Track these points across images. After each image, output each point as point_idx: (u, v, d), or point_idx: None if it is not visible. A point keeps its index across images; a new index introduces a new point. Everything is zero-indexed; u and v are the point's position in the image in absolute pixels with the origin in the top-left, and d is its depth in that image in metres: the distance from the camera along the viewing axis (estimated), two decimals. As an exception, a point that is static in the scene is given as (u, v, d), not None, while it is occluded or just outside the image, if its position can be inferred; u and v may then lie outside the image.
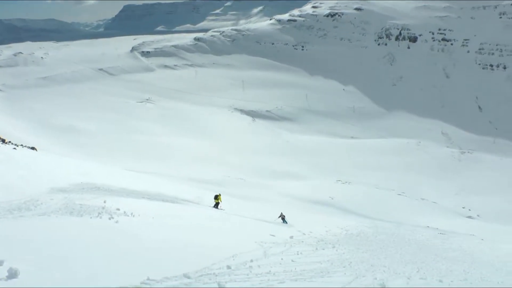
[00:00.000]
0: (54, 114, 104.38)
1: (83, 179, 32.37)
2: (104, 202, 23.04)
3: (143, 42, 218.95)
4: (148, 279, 11.38)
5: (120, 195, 28.84)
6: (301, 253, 20.89)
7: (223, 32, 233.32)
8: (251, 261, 16.39)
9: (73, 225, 16.82)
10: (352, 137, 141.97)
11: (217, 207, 36.06)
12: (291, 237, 26.62)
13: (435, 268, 25.51)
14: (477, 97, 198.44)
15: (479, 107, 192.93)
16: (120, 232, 16.80)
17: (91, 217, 18.65)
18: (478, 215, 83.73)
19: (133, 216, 20.92)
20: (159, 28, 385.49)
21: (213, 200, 36.87)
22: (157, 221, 20.99)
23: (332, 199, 74.48)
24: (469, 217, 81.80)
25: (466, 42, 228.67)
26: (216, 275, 13.30)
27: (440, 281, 20.12)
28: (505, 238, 56.50)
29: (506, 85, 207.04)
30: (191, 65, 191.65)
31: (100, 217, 18.98)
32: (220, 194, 38.15)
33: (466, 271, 27.06)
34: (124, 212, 21.16)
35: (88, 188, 28.96)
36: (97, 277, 11.04)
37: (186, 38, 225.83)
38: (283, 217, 37.56)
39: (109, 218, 18.99)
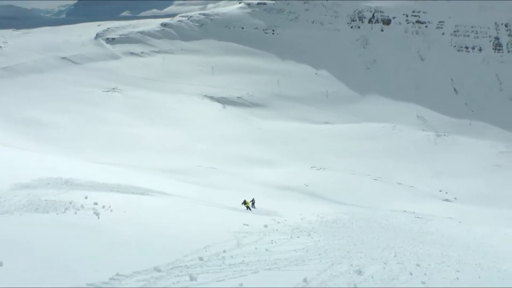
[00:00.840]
0: (16, 107, 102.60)
1: (49, 173, 31.85)
2: (86, 197, 22.78)
3: (108, 28, 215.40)
4: (117, 274, 11.29)
5: (88, 189, 28.54)
6: (275, 242, 20.95)
7: (191, 17, 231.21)
8: (224, 251, 16.39)
9: (38, 222, 16.53)
10: (325, 123, 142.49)
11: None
12: (265, 226, 26.67)
13: (413, 252, 25.86)
14: (452, 80, 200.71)
15: (455, 90, 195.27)
16: (88, 228, 16.62)
17: (57, 213, 18.40)
18: (455, 198, 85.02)
19: (102, 210, 20.71)
20: (124, 14, 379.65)
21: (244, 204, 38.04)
22: (127, 214, 20.83)
23: (307, 186, 74.81)
24: (446, 200, 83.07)
25: (441, 24, 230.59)
26: (188, 267, 13.27)
27: (418, 265, 20.38)
28: (482, 220, 57.63)
29: (482, 67, 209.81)
30: (158, 52, 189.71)
31: (67, 213, 18.75)
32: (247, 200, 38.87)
33: (443, 254, 27.50)
34: (93, 207, 20.95)
35: (54, 183, 28.54)
36: (64, 275, 10.91)
37: (153, 24, 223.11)
38: (247, 204, 37.67)
39: (77, 214, 18.78)
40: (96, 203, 21.88)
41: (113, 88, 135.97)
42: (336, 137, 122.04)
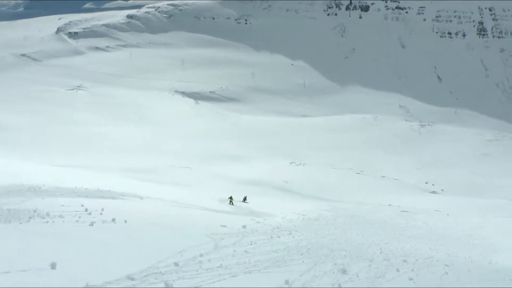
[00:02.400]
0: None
1: (10, 180, 31.43)
2: (51, 205, 22.49)
3: (70, 22, 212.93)
4: (87, 285, 11.16)
5: (54, 195, 28.21)
6: (255, 242, 20.94)
7: (159, 7, 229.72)
8: (201, 255, 16.30)
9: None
10: (304, 116, 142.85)
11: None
12: (244, 226, 26.64)
13: (399, 248, 26.06)
14: (435, 67, 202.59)
15: (438, 77, 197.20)
16: (55, 236, 16.40)
17: (21, 223, 18.12)
18: (442, 190, 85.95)
19: (70, 217, 20.48)
20: (87, 6, 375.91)
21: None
22: (96, 221, 20.62)
23: (287, 183, 75.00)
24: (433, 192, 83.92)
25: (422, 10, 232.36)
26: (163, 274, 13.17)
27: (405, 261, 20.53)
28: (470, 212, 58.29)
29: (466, 53, 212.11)
30: (125, 46, 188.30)
31: (32, 222, 18.49)
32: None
33: (432, 249, 27.80)
34: (60, 214, 20.70)
35: (16, 191, 28.12)
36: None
37: (118, 16, 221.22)
38: (232, 200, 38.00)
39: (42, 222, 18.54)
40: (62, 210, 21.63)
41: (78, 86, 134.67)
42: (315, 131, 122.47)
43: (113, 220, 20.87)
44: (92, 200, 28.26)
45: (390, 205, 61.43)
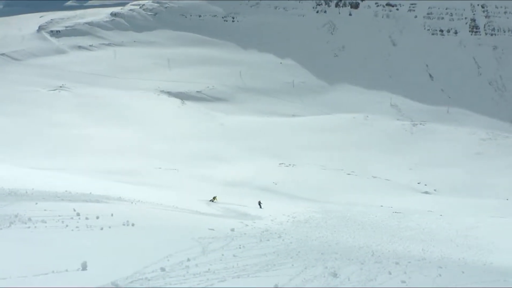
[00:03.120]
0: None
1: (-11, 184, 31.22)
2: (33, 209, 22.31)
3: (52, 20, 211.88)
4: (68, 293, 11.10)
5: (36, 199, 27.96)
6: (243, 246, 20.88)
7: (143, 5, 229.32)
8: (188, 260, 16.24)
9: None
10: (293, 115, 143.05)
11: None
12: (232, 229, 26.57)
13: (391, 250, 26.14)
14: (427, 65, 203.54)
15: (430, 75, 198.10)
16: (37, 243, 16.28)
17: (1, 229, 17.99)
18: (434, 190, 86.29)
19: (53, 222, 20.34)
20: (69, 3, 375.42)
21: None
22: (79, 225, 20.50)
23: (276, 184, 75.04)
24: (426, 192, 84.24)
25: (413, 7, 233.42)
26: (149, 280, 13.11)
27: (397, 263, 20.57)
28: (464, 212, 58.58)
29: (458, 51, 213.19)
30: (108, 45, 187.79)
31: (13, 227, 18.35)
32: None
33: (424, 250, 27.93)
34: (42, 219, 20.54)
35: (-5, 195, 27.94)
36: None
37: (102, 14, 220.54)
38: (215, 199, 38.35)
39: (24, 228, 18.41)
40: (45, 215, 21.47)
41: (60, 86, 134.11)
42: (305, 131, 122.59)
43: (98, 224, 20.75)
44: (76, 204, 28.06)
45: (382, 206, 61.65)
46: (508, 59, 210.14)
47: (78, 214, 22.92)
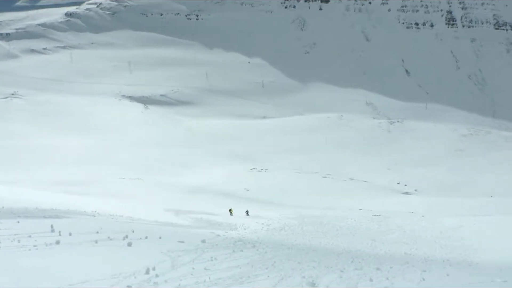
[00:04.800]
0: None
1: None
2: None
3: (1, 22, 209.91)
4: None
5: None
6: (215, 258, 20.61)
7: (101, 4, 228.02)
8: (156, 276, 15.90)
9: None
10: (264, 117, 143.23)
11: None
12: (203, 241, 26.28)
13: (372, 255, 26.06)
14: (403, 60, 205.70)
15: (406, 71, 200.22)
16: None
17: None
18: (415, 190, 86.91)
19: (8, 241, 19.85)
20: (19, 3, 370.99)
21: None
22: (37, 243, 20.04)
23: (248, 190, 74.89)
24: (406, 193, 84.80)
25: (386, 0, 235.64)
26: (114, 300, 12.80)
27: (378, 269, 20.46)
28: (447, 212, 59.02)
29: (435, 45, 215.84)
30: (64, 47, 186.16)
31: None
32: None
33: (407, 254, 27.95)
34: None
35: None
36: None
37: (56, 14, 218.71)
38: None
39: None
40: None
41: (12, 94, 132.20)
42: (277, 133, 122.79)
43: (56, 241, 20.29)
44: (33, 220, 27.56)
45: (360, 209, 61.83)
46: (487, 51, 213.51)
47: (35, 232, 22.41)
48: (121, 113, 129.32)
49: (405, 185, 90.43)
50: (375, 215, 53.11)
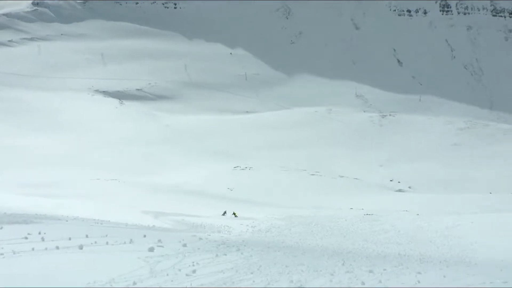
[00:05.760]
0: None
1: None
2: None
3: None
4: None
5: None
6: (197, 263, 20.52)
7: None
8: (134, 283, 15.80)
9: None
10: (247, 112, 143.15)
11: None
12: (184, 245, 26.17)
13: (364, 257, 26.10)
14: (395, 50, 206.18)
15: (398, 61, 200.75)
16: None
17: None
18: (409, 187, 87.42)
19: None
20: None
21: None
22: (3, 251, 19.87)
23: (231, 190, 74.91)
24: (400, 190, 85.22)
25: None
26: (90, 311, 12.70)
27: (371, 271, 20.47)
28: (444, 209, 59.26)
29: (429, 33, 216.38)
30: (31, 39, 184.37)
31: None
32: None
33: (401, 255, 28.00)
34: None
35: None
36: None
37: (22, 4, 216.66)
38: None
39: None
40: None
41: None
42: (262, 129, 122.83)
43: (24, 249, 20.12)
44: (3, 226, 27.37)
45: (351, 208, 62.01)
46: (484, 40, 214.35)
47: (8, 239, 22.24)
48: (95, 109, 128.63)
49: (399, 182, 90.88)
50: (367, 214, 53.22)
